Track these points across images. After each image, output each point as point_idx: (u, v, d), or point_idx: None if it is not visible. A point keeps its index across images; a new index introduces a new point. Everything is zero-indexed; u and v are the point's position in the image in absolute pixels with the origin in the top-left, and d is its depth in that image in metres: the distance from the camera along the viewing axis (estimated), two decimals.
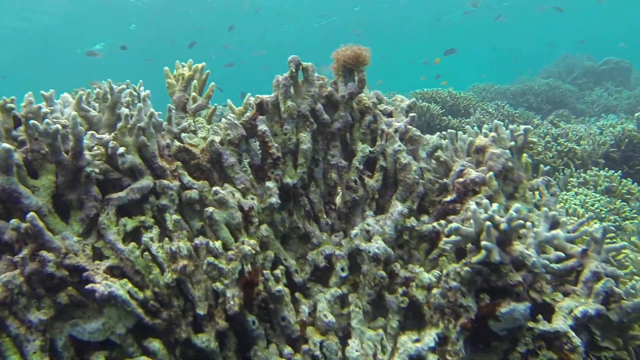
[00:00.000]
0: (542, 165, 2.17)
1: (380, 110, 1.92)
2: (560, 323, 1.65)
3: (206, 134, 1.84)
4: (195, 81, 2.03)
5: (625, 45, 10.53)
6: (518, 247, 1.50)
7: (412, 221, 1.75)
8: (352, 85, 1.81)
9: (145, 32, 22.55)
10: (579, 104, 7.92)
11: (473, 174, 1.84)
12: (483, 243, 1.45)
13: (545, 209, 1.71)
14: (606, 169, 4.26)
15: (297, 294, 1.68)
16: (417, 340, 1.57)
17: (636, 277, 2.21)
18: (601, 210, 3.53)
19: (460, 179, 1.85)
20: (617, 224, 3.38)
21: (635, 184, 4.07)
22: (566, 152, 4.54)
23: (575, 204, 3.60)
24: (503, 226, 1.45)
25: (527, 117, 5.38)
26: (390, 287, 1.69)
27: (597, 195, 3.79)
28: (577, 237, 1.92)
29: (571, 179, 4.29)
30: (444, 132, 2.07)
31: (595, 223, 2.04)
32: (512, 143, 1.96)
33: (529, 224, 1.61)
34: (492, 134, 1.94)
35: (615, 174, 4.17)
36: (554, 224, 2.07)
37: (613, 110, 7.52)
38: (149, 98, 1.74)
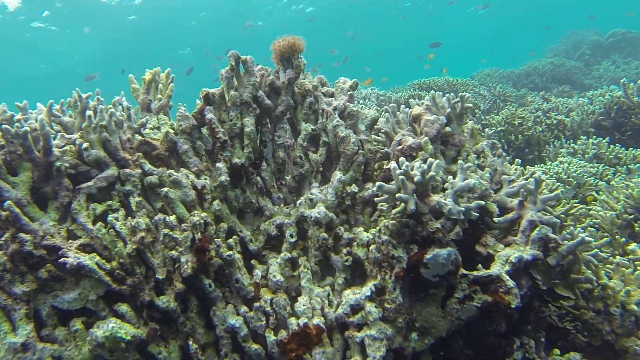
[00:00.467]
0: (487, 129, 2.32)
1: (322, 92, 2.12)
2: (495, 269, 1.80)
3: (169, 129, 2.08)
4: (161, 85, 2.27)
5: (633, 14, 10.31)
6: (435, 197, 1.67)
7: (352, 187, 1.94)
8: (290, 72, 2.02)
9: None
10: (586, 79, 7.86)
11: (410, 140, 2.01)
12: (397, 195, 1.62)
13: (466, 164, 1.87)
14: (594, 137, 4.31)
15: (252, 261, 1.89)
16: (358, 293, 1.75)
17: (579, 226, 2.33)
18: (583, 175, 3.61)
19: (399, 147, 2.03)
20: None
21: (623, 148, 4.12)
22: (556, 125, 4.61)
23: (558, 172, 3.69)
24: (417, 178, 1.62)
25: (521, 96, 5.44)
26: (336, 248, 1.88)
27: (582, 162, 3.86)
28: (516, 191, 2.07)
29: (562, 150, 4.36)
30: (386, 107, 2.25)
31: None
32: (449, 110, 2.12)
33: (450, 177, 1.78)
34: (426, 102, 2.11)
35: (603, 140, 4.22)
36: (498, 183, 2.22)
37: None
38: (120, 103, 2.00)
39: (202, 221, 1.75)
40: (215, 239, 1.77)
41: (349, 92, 2.09)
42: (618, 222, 3.03)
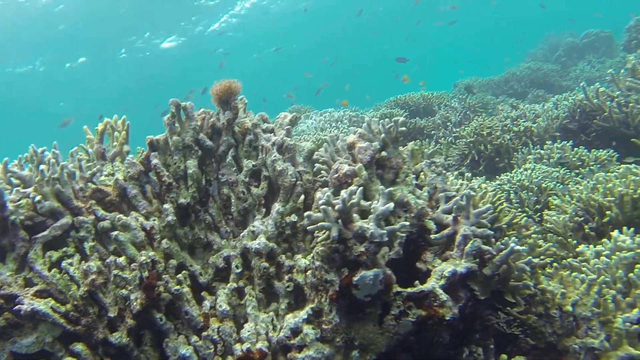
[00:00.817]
0: (425, 150, 2.46)
1: (262, 129, 2.27)
2: (429, 284, 1.92)
3: (119, 176, 2.23)
4: (116, 133, 2.44)
5: (600, 14, 10.50)
6: (358, 222, 1.80)
7: (292, 217, 2.07)
8: (228, 113, 2.17)
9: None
10: (563, 81, 8.01)
11: (345, 168, 2.15)
12: (319, 224, 1.76)
13: (387, 189, 2.00)
14: (559, 141, 4.44)
15: (203, 293, 2.03)
16: (297, 317, 1.88)
17: (511, 233, 2.45)
18: (544, 180, 3.73)
19: (336, 175, 2.17)
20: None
21: (586, 150, 4.24)
22: (523, 132, 4.74)
23: (520, 179, 3.82)
24: (338, 207, 1.76)
25: (493, 105, 5.60)
26: (278, 275, 2.01)
27: (545, 167, 3.98)
28: (450, 208, 2.19)
29: (529, 156, 4.49)
30: (326, 136, 2.39)
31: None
32: (383, 135, 2.26)
33: (374, 202, 1.91)
34: (360, 130, 2.25)
35: (567, 144, 4.35)
36: (437, 201, 2.34)
37: (596, 81, 7.55)
38: (76, 153, 2.16)
39: (149, 260, 1.89)
40: (164, 275, 1.91)
41: (286, 127, 2.24)
42: (570, 225, 3.15)
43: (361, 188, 1.86)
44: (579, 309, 2.17)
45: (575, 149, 4.32)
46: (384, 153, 2.25)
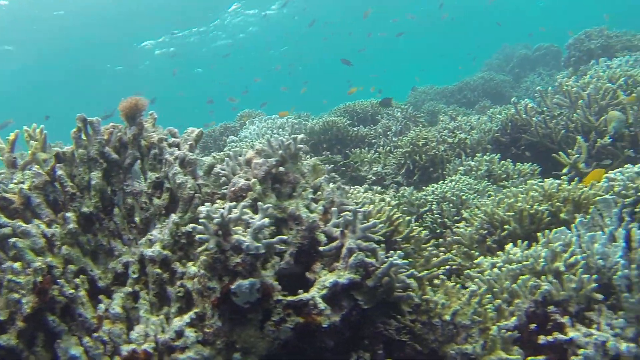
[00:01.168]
0: (322, 167, 2.63)
1: (169, 143, 2.42)
2: (309, 293, 2.09)
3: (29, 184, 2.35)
4: (32, 141, 2.55)
5: (544, 29, 10.89)
6: (235, 235, 1.97)
7: (188, 227, 2.23)
8: (134, 128, 2.31)
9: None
10: (514, 92, 8.32)
11: (241, 182, 2.31)
12: (198, 236, 1.92)
13: (265, 205, 2.17)
14: (488, 153, 4.68)
15: (101, 296, 2.17)
16: (181, 320, 2.04)
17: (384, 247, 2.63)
18: (465, 193, 3.95)
19: (232, 188, 2.33)
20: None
21: (511, 163, 4.49)
22: (457, 143, 4.97)
23: (443, 190, 4.03)
24: (216, 220, 1.92)
25: (434, 116, 5.83)
26: (172, 281, 2.17)
27: (469, 179, 4.20)
28: (339, 222, 2.37)
29: (460, 167, 4.72)
30: (228, 152, 2.54)
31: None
32: (281, 152, 2.43)
33: (251, 216, 2.07)
34: (258, 146, 2.42)
35: (495, 157, 4.59)
36: (333, 214, 2.51)
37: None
38: None
39: (45, 265, 2.03)
40: (59, 280, 2.04)
41: (190, 142, 2.39)
42: (475, 238, 3.37)
43: (243, 203, 2.02)
44: (458, 318, 2.36)
45: (502, 162, 4.56)
46: (281, 168, 2.42)
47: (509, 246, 2.98)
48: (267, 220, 1.98)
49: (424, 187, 4.30)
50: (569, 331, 2.39)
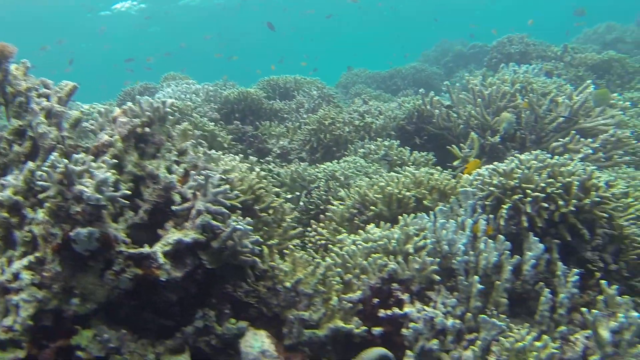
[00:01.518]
0: (195, 131, 2.76)
1: (38, 94, 2.46)
2: (153, 248, 2.23)
3: None
4: None
5: (495, 31, 11.39)
6: (79, 187, 2.07)
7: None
8: None
9: None
10: (443, 85, 8.64)
11: (104, 138, 2.40)
12: (41, 182, 2.02)
13: (111, 161, 2.28)
14: (389, 139, 4.94)
15: None
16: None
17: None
18: (352, 173, 4.19)
19: (96, 143, 2.42)
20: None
21: (408, 151, 4.75)
22: (363, 127, 5.20)
23: (334, 169, 4.25)
24: (59, 170, 2.02)
25: (353, 96, 6.02)
26: (21, 226, 2.25)
27: (360, 161, 4.43)
28: (193, 185, 2.48)
29: (361, 149, 4.95)
30: (99, 109, 2.61)
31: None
32: (149, 113, 2.52)
33: (99, 168, 2.18)
34: (125, 107, 2.51)
35: (394, 143, 4.84)
36: (192, 177, 2.64)
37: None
38: None
39: None
40: None
41: (59, 95, 2.44)
42: (346, 216, 3.61)
43: (80, 157, 2.11)
44: (301, 286, 2.57)
45: (400, 148, 4.82)
46: (148, 129, 2.52)
47: (370, 226, 3.24)
48: (109, 174, 2.10)
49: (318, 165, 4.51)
50: (406, 307, 2.68)
